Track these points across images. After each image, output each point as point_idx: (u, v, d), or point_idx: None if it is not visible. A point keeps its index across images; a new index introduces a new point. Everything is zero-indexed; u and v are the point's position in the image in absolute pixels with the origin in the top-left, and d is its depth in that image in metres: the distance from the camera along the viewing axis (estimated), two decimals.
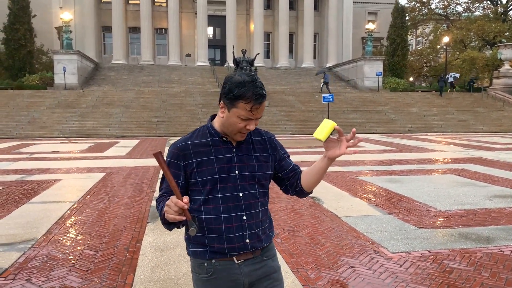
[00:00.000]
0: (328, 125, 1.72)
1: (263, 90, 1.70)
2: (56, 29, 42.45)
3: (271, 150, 1.88)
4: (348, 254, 4.41)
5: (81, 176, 9.35)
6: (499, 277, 3.82)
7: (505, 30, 40.02)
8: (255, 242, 1.79)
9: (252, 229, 1.77)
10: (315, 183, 1.89)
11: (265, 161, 1.84)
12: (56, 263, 4.17)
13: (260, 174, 1.81)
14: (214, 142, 1.77)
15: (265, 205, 1.85)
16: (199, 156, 1.75)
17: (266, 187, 1.86)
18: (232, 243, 1.74)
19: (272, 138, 1.92)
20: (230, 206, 1.74)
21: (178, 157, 1.75)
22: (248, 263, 1.79)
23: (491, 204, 6.59)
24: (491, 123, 25.58)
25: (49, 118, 22.83)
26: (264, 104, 1.72)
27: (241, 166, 1.77)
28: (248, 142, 1.82)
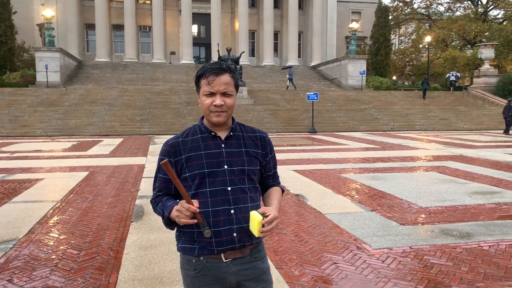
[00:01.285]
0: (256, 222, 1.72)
1: (222, 66, 1.78)
2: (38, 26, 41.70)
3: (261, 147, 1.90)
4: (331, 251, 4.47)
5: (64, 175, 9.24)
6: (478, 271, 3.91)
7: (485, 30, 40.75)
8: (244, 237, 1.79)
9: (240, 223, 1.78)
10: None
11: (255, 156, 1.87)
12: (39, 263, 4.13)
13: (249, 169, 1.83)
14: (204, 138, 1.81)
15: (255, 201, 1.86)
16: (189, 152, 1.79)
17: (256, 183, 1.88)
18: (219, 237, 1.76)
19: (265, 136, 1.94)
20: (218, 200, 1.76)
21: (169, 154, 1.81)
22: (236, 263, 1.80)
23: (471, 201, 6.73)
24: (471, 121, 26.04)
25: (31, 116, 22.47)
26: (223, 78, 1.75)
27: (230, 161, 1.79)
28: (239, 138, 1.85)
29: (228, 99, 1.77)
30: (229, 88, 1.77)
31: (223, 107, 1.76)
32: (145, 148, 14.77)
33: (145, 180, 8.48)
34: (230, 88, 1.77)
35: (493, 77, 33.13)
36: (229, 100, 1.78)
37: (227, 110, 1.78)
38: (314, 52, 42.56)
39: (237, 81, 1.83)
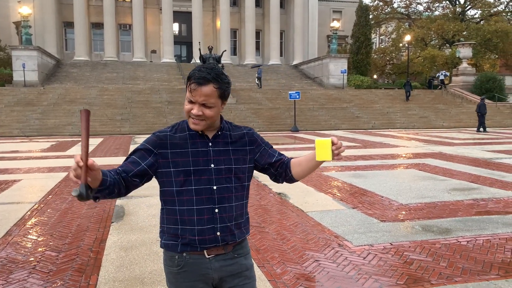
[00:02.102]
0: (326, 145, 1.73)
1: (209, 75, 1.70)
2: (14, 24, 40.82)
3: (249, 143, 1.89)
4: (313, 248, 4.49)
5: (43, 176, 9.07)
6: (456, 266, 3.98)
7: (463, 30, 41.50)
8: (227, 236, 1.79)
9: (224, 222, 1.78)
10: (307, 175, 1.94)
11: (243, 154, 1.85)
12: (16, 266, 4.04)
13: (236, 168, 1.81)
14: (192, 136, 1.79)
15: (240, 200, 1.85)
16: (175, 148, 1.76)
17: (244, 181, 1.86)
18: (203, 235, 1.75)
19: (251, 132, 1.93)
20: (203, 198, 1.75)
21: (153, 143, 1.77)
22: (219, 259, 1.80)
23: (449, 197, 6.85)
24: (450, 119, 26.51)
25: (8, 116, 21.99)
26: (204, 90, 1.69)
27: (217, 160, 1.78)
28: (226, 136, 1.83)
29: (208, 110, 1.72)
30: (210, 100, 1.71)
31: (201, 116, 1.73)
32: (125, 147, 14.60)
33: None
34: (211, 100, 1.71)
35: (471, 76, 33.79)
36: (208, 111, 1.72)
37: (205, 119, 1.74)
38: (296, 51, 42.73)
39: (224, 91, 1.75)
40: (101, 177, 1.58)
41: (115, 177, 1.68)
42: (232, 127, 1.89)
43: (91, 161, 1.47)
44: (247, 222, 1.93)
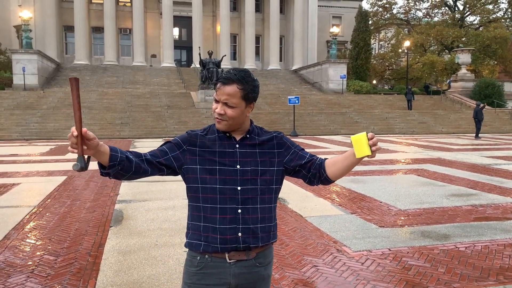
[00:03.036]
0: (363, 140, 1.72)
1: (235, 76, 1.75)
2: (15, 27, 40.93)
3: (277, 146, 1.89)
4: (312, 254, 4.49)
5: (42, 179, 9.07)
6: (454, 272, 3.99)
7: (462, 36, 41.69)
8: (249, 238, 1.77)
9: (247, 223, 1.77)
10: (343, 174, 1.91)
11: (271, 157, 1.85)
12: (14, 270, 4.03)
13: (262, 169, 1.82)
14: (220, 138, 1.82)
15: (267, 203, 1.83)
16: (204, 147, 1.81)
17: (271, 184, 1.84)
18: (224, 235, 1.75)
19: (281, 135, 1.94)
20: (226, 198, 1.76)
21: (184, 140, 1.83)
22: (240, 265, 1.79)
23: (448, 203, 6.86)
24: (449, 124, 26.56)
25: (7, 119, 21.99)
26: (227, 88, 1.74)
27: (243, 161, 1.79)
28: (254, 139, 1.85)
29: (230, 110, 1.75)
30: (232, 99, 1.74)
31: (223, 116, 1.76)
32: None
33: (125, 184, 8.37)
34: (233, 100, 1.74)
35: (470, 82, 33.90)
36: (230, 111, 1.75)
37: (227, 120, 1.77)
38: (296, 56, 42.83)
39: (249, 93, 1.77)
40: (107, 151, 1.63)
41: (128, 156, 1.71)
42: (261, 131, 1.91)
43: (85, 129, 1.50)
44: (275, 228, 1.90)
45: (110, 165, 1.66)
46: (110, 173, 1.68)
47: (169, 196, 7.29)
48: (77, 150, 1.50)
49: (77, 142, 1.50)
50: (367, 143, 1.72)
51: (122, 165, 1.68)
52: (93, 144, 1.56)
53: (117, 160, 1.66)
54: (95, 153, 1.60)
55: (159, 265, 4.15)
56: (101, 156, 1.63)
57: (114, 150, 1.67)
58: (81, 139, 1.49)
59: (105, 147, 1.63)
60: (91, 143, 1.55)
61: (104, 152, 1.63)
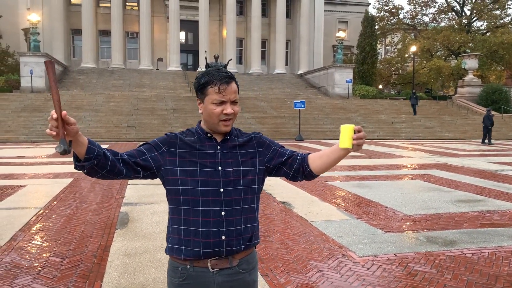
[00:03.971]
0: (349, 131, 1.71)
1: (229, 73, 1.79)
2: (23, 30, 41.29)
3: (258, 145, 1.89)
4: (317, 258, 4.48)
5: (48, 181, 9.11)
6: (461, 278, 3.96)
7: (469, 41, 41.53)
8: (232, 241, 1.75)
9: (231, 225, 1.75)
10: (328, 169, 1.89)
11: (252, 157, 1.85)
12: (20, 271, 4.05)
13: (245, 170, 1.81)
14: (200, 139, 1.81)
15: (249, 203, 1.82)
16: (184, 148, 1.78)
17: (254, 184, 1.83)
18: (208, 238, 1.72)
19: (259, 135, 1.93)
20: (209, 200, 1.74)
21: (163, 141, 1.80)
22: (223, 273, 1.76)
23: (454, 209, 6.82)
24: (456, 130, 26.43)
25: (15, 122, 22.15)
26: (233, 86, 1.76)
27: (225, 163, 1.78)
28: (234, 140, 1.85)
29: (236, 106, 1.79)
30: (237, 96, 1.80)
31: (231, 115, 1.78)
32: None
33: (131, 187, 8.40)
34: (237, 96, 1.80)
35: (477, 87, 33.75)
36: (236, 108, 1.80)
37: (233, 118, 1.80)
38: (301, 60, 42.85)
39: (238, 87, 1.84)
40: (85, 142, 1.59)
41: (105, 152, 1.67)
42: (240, 133, 1.91)
43: (64, 112, 1.48)
44: (257, 228, 1.88)
45: (86, 158, 1.60)
46: (85, 166, 1.61)
47: None
48: (60, 133, 1.47)
49: (57, 125, 1.47)
50: (351, 136, 1.71)
51: (98, 159, 1.63)
52: (72, 130, 1.51)
53: (93, 153, 1.61)
54: (75, 141, 1.56)
55: (165, 268, 4.14)
56: (78, 146, 1.58)
57: (92, 143, 1.62)
58: (62, 122, 1.47)
59: (83, 138, 1.59)
60: (71, 129, 1.50)
61: (82, 143, 1.58)
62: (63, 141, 1.47)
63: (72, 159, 1.65)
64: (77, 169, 1.67)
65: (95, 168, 1.65)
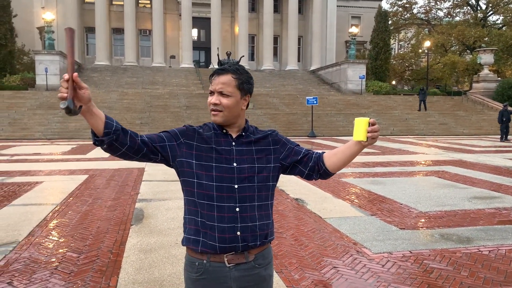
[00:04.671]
0: (363, 124, 1.71)
1: (229, 67, 1.79)
2: (38, 29, 41.81)
3: (273, 143, 1.89)
4: (331, 255, 4.47)
5: (64, 178, 9.24)
6: (478, 276, 3.91)
7: (484, 36, 40.88)
8: (248, 236, 1.76)
9: (245, 222, 1.76)
10: (343, 165, 1.90)
11: (267, 154, 1.85)
12: (39, 266, 4.12)
13: (259, 167, 1.81)
14: (217, 135, 1.82)
15: (264, 200, 1.83)
16: (201, 143, 1.80)
17: (269, 181, 1.84)
18: (223, 233, 1.73)
19: (275, 132, 1.94)
20: (224, 196, 1.74)
21: (182, 132, 1.82)
22: (239, 268, 1.78)
23: (470, 206, 6.74)
24: (471, 126, 26.08)
25: (30, 119, 22.47)
26: (222, 78, 1.77)
27: (240, 159, 1.79)
28: (250, 137, 1.85)
29: (225, 99, 1.76)
30: (227, 88, 1.76)
31: (218, 106, 1.76)
32: None
33: (145, 183, 8.47)
34: (227, 88, 1.76)
35: (493, 82, 33.22)
36: (225, 100, 1.76)
37: (223, 110, 1.77)
38: (314, 57, 42.65)
39: (243, 82, 1.80)
40: (101, 116, 1.60)
41: (124, 128, 1.68)
42: (256, 130, 1.91)
43: (76, 74, 1.49)
44: (272, 225, 1.89)
45: (105, 132, 1.61)
46: (104, 140, 1.62)
47: None
48: (68, 94, 1.47)
49: (67, 86, 1.48)
50: (366, 129, 1.70)
51: (117, 134, 1.64)
52: (84, 95, 1.51)
53: (112, 128, 1.62)
54: (87, 111, 1.55)
55: (180, 264, 4.18)
56: (93, 118, 1.58)
57: (109, 119, 1.63)
58: (72, 85, 1.48)
59: (98, 110, 1.59)
60: (82, 93, 1.51)
61: (98, 116, 1.59)
62: (70, 100, 1.47)
63: (91, 135, 1.66)
64: (96, 145, 1.67)
65: (115, 144, 1.66)
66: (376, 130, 1.72)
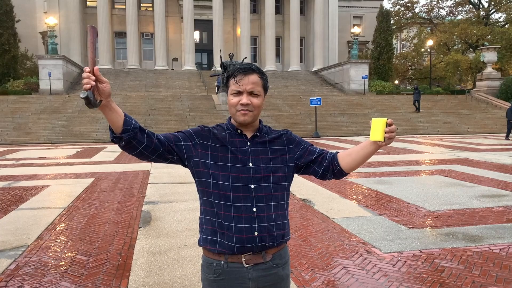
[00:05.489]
0: (380, 124, 1.71)
1: (253, 66, 1.81)
2: (41, 34, 42.02)
3: (287, 142, 1.89)
4: (341, 255, 4.45)
5: (70, 182, 9.25)
6: (490, 274, 3.89)
7: (487, 33, 40.77)
8: (265, 237, 1.76)
9: (262, 222, 1.75)
10: (358, 166, 1.89)
11: (282, 153, 1.85)
12: (49, 270, 4.12)
13: (275, 166, 1.81)
14: (231, 135, 1.82)
15: (280, 200, 1.82)
16: (216, 142, 1.80)
17: (283, 181, 1.84)
18: (241, 234, 1.73)
19: (289, 132, 1.94)
20: (240, 196, 1.74)
21: (197, 133, 1.82)
22: (257, 268, 1.77)
23: (478, 204, 6.70)
24: (475, 124, 25.99)
25: (35, 123, 22.54)
26: (252, 77, 1.77)
27: (255, 159, 1.78)
28: (264, 137, 1.85)
29: (255, 99, 1.78)
30: (257, 88, 1.78)
31: (249, 106, 1.76)
32: None
33: (151, 186, 8.47)
34: (257, 88, 1.78)
35: (496, 80, 33.10)
36: (255, 100, 1.78)
37: (253, 110, 1.78)
38: (316, 57, 42.63)
39: (266, 82, 1.83)
40: (120, 112, 1.62)
41: (142, 127, 1.70)
42: (270, 130, 1.91)
43: (96, 68, 1.54)
44: (288, 225, 1.89)
45: (124, 130, 1.63)
46: (123, 137, 1.64)
47: (195, 197, 7.32)
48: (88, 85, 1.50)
49: (89, 76, 1.51)
50: (383, 129, 1.70)
51: (135, 132, 1.65)
52: (105, 88, 1.55)
53: (131, 126, 1.64)
54: (106, 105, 1.58)
55: (189, 266, 4.17)
56: (112, 114, 1.61)
57: (128, 117, 1.65)
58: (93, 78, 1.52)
59: (117, 107, 1.61)
60: (103, 87, 1.54)
61: (116, 110, 1.61)
62: (90, 92, 1.50)
63: (109, 132, 1.68)
64: (114, 142, 1.69)
65: (133, 143, 1.68)
66: (393, 131, 1.72)
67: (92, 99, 1.51)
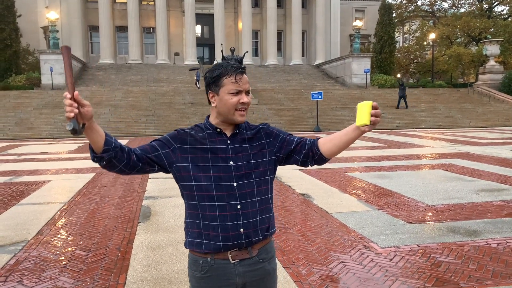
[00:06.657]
0: (366, 107, 1.70)
1: (241, 65, 1.84)
2: (42, 28, 41.98)
3: (266, 136, 1.89)
4: (338, 250, 4.47)
5: (71, 176, 9.29)
6: (486, 269, 3.90)
7: (490, 27, 40.53)
8: (250, 233, 1.78)
9: (247, 218, 1.77)
10: (339, 151, 1.87)
11: (261, 148, 1.85)
12: (48, 264, 4.16)
13: (255, 162, 1.81)
14: (210, 135, 1.81)
15: (264, 194, 1.84)
16: (195, 144, 1.79)
17: (266, 175, 1.85)
18: (226, 232, 1.74)
19: (266, 125, 1.93)
20: (224, 194, 1.75)
21: (174, 137, 1.81)
22: (244, 264, 1.79)
23: (478, 198, 6.70)
24: (477, 118, 25.91)
25: (37, 118, 22.59)
26: (246, 77, 1.80)
27: (235, 157, 1.79)
28: (243, 134, 1.85)
29: (248, 97, 1.82)
30: (249, 86, 1.85)
31: (248, 104, 1.81)
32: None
33: (152, 180, 8.50)
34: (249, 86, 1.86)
35: (499, 74, 32.95)
36: (249, 99, 1.83)
37: (247, 109, 1.82)
38: (318, 51, 42.49)
39: None
40: (101, 133, 1.62)
41: (122, 145, 1.70)
42: (248, 125, 1.91)
43: (76, 92, 1.51)
44: (273, 218, 1.90)
45: (104, 149, 1.63)
46: (104, 157, 1.64)
47: None
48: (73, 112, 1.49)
49: (71, 104, 1.49)
50: (369, 112, 1.69)
51: (116, 151, 1.66)
52: (87, 112, 1.53)
53: (111, 145, 1.64)
54: (89, 127, 1.56)
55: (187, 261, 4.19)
56: (94, 135, 1.59)
57: (109, 136, 1.65)
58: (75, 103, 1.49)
59: (99, 128, 1.61)
60: (85, 111, 1.52)
61: (97, 131, 1.60)
62: (74, 121, 1.49)
63: (89, 150, 1.68)
64: (94, 161, 1.70)
65: (113, 161, 1.68)
66: (378, 115, 1.71)
67: (77, 127, 1.49)
